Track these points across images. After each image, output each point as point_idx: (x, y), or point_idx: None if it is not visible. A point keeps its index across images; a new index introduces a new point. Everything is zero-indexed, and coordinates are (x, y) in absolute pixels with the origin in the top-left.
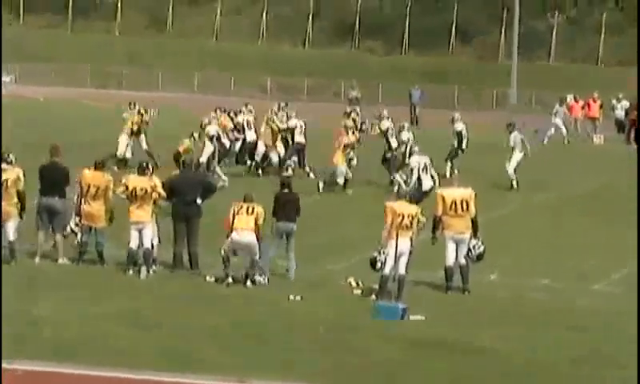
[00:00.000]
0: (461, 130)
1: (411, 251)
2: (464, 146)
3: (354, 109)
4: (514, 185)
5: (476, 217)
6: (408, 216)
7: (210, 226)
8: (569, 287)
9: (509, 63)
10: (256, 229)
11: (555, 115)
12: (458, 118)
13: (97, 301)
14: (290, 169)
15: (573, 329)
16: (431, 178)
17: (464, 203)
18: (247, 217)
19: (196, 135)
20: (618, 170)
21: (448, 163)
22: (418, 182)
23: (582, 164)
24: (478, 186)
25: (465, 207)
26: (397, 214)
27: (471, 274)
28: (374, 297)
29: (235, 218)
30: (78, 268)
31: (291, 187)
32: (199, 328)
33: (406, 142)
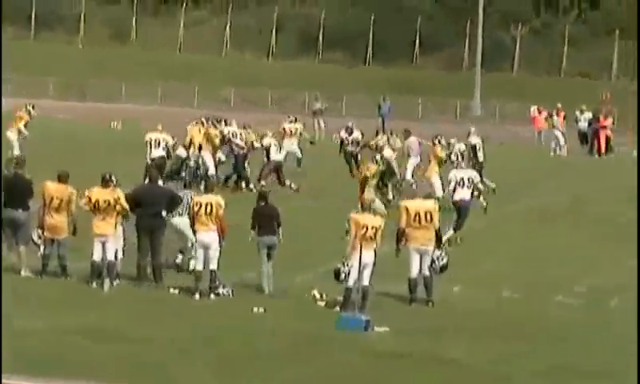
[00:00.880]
0: (475, 144)
1: (375, 263)
2: (480, 158)
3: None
4: (414, 187)
5: (440, 229)
6: (372, 228)
7: None
8: (532, 298)
9: (473, 74)
10: (218, 223)
11: (553, 126)
12: (473, 132)
13: (60, 314)
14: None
15: (536, 340)
16: (468, 192)
17: (428, 215)
18: (205, 217)
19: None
20: (582, 181)
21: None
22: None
23: (547, 176)
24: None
25: (428, 219)
26: (360, 225)
27: (435, 285)
28: (338, 308)
29: (195, 219)
30: (41, 281)
31: (268, 200)
32: (164, 341)
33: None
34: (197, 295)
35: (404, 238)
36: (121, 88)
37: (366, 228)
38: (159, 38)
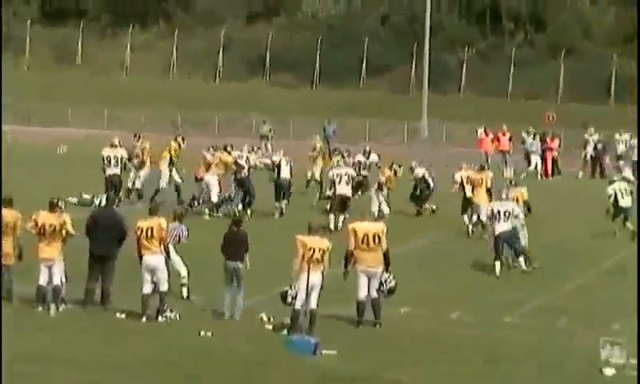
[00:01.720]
0: (423, 175)
1: (322, 285)
2: (431, 185)
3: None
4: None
5: (388, 251)
6: (319, 250)
7: None
8: (480, 320)
9: (420, 96)
10: (161, 245)
11: (530, 149)
12: (416, 165)
13: (6, 339)
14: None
15: (484, 361)
16: (509, 224)
17: (376, 237)
18: (148, 241)
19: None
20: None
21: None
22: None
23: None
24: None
25: (376, 241)
26: (307, 247)
27: (383, 307)
28: (285, 332)
29: (139, 244)
30: None
31: (240, 226)
32: (112, 365)
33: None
34: (144, 318)
35: (352, 259)
36: (67, 111)
37: (313, 250)
38: (106, 61)
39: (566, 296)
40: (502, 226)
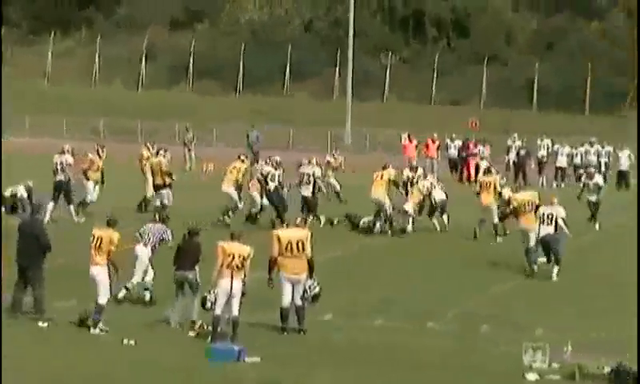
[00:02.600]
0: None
1: (244, 292)
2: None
3: None
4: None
5: (312, 257)
6: (239, 256)
7: None
8: (404, 326)
9: (343, 103)
10: (107, 257)
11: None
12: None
13: None
14: None
15: (408, 367)
16: (551, 227)
17: (300, 244)
18: (95, 250)
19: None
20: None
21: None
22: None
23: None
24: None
25: (300, 248)
26: (227, 253)
27: (307, 313)
28: (209, 339)
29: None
30: None
31: (194, 236)
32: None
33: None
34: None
35: (276, 266)
36: None
37: (233, 256)
38: (26, 68)
39: (488, 302)
40: (546, 229)
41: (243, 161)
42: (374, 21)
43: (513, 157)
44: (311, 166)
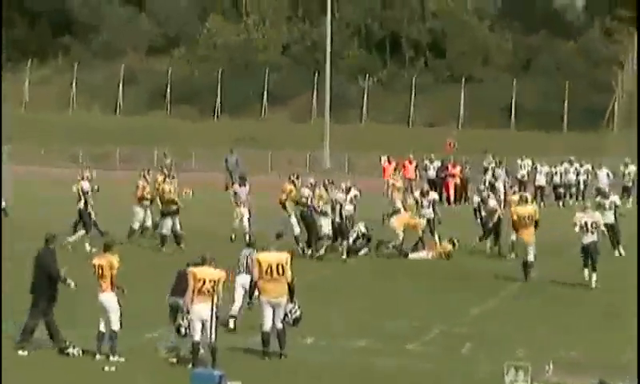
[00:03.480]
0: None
1: (218, 316)
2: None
3: None
4: None
5: (293, 281)
6: (210, 281)
7: None
8: (384, 348)
9: (321, 126)
10: (112, 283)
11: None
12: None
13: None
14: None
15: None
16: (594, 235)
17: (280, 267)
18: (100, 279)
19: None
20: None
21: None
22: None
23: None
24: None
25: (281, 271)
26: (197, 278)
27: (288, 337)
28: (190, 365)
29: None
30: None
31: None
32: None
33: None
34: (97, 356)
35: (257, 290)
36: None
37: (203, 281)
38: (4, 95)
39: (468, 322)
40: (589, 238)
41: (294, 182)
42: (351, 43)
43: (489, 178)
44: (337, 190)
